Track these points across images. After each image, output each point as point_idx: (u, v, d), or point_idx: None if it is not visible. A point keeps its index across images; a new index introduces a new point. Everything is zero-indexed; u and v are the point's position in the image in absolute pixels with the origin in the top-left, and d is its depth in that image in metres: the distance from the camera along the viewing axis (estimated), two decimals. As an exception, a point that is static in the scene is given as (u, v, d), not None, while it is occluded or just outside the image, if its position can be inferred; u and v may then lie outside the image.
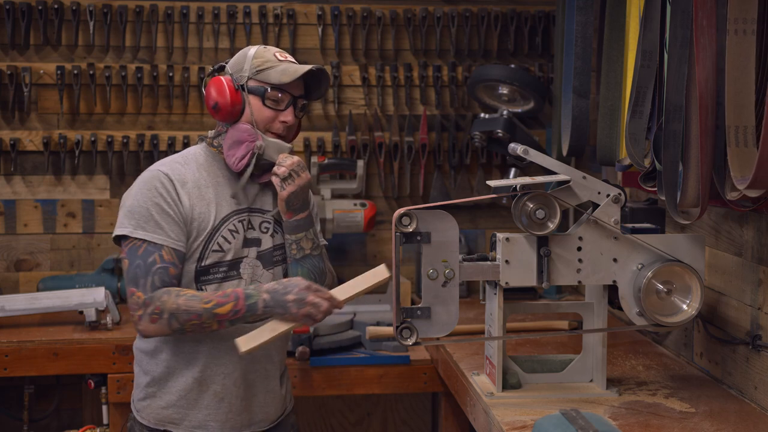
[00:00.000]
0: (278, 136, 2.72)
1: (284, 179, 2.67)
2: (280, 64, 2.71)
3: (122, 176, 4.19)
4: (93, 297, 3.68)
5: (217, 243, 2.69)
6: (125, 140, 4.15)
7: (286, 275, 2.76)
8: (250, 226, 2.74)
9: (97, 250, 4.20)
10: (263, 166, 2.72)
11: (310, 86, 2.78)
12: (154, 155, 4.15)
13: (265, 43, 4.22)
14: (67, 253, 4.20)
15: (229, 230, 2.70)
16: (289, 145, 2.74)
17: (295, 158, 2.69)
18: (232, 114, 2.70)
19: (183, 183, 2.68)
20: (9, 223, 4.16)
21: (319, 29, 4.25)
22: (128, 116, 4.19)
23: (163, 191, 2.65)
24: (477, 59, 4.32)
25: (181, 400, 2.71)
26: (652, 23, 2.59)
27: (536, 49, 4.33)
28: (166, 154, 4.16)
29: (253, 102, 2.70)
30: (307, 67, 2.70)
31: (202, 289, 2.67)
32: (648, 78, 2.62)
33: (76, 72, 4.09)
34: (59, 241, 4.20)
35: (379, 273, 2.62)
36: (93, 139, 4.13)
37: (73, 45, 4.14)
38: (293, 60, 2.77)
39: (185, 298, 2.57)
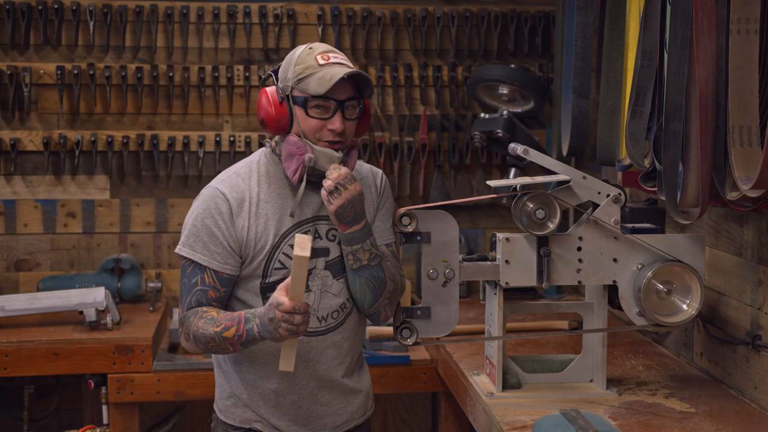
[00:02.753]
0: (331, 143, 2.58)
1: (330, 192, 2.53)
2: (320, 70, 2.54)
3: (122, 176, 4.19)
4: (93, 297, 3.68)
5: (279, 261, 2.60)
6: (125, 140, 4.15)
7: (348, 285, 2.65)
8: (317, 236, 2.63)
9: (97, 250, 4.19)
10: (321, 176, 2.58)
11: (359, 84, 2.61)
12: (154, 155, 4.15)
13: (265, 43, 4.22)
14: (67, 253, 4.20)
15: (291, 246, 2.58)
16: (338, 154, 2.57)
17: (343, 170, 2.54)
18: (279, 128, 2.59)
19: (240, 202, 2.59)
20: (9, 223, 4.16)
21: (319, 29, 4.24)
22: (128, 116, 4.19)
23: (216, 214, 2.58)
24: (477, 59, 4.32)
25: (260, 406, 2.66)
26: (652, 23, 2.59)
27: (536, 49, 4.33)
28: (165, 154, 4.17)
29: (299, 113, 2.57)
30: (341, 74, 2.52)
31: None
32: (648, 78, 2.62)
33: (76, 72, 4.09)
34: (59, 241, 4.20)
35: (302, 246, 2.38)
36: (93, 139, 4.13)
37: (73, 45, 4.14)
38: (338, 60, 2.57)
39: (204, 321, 2.52)
